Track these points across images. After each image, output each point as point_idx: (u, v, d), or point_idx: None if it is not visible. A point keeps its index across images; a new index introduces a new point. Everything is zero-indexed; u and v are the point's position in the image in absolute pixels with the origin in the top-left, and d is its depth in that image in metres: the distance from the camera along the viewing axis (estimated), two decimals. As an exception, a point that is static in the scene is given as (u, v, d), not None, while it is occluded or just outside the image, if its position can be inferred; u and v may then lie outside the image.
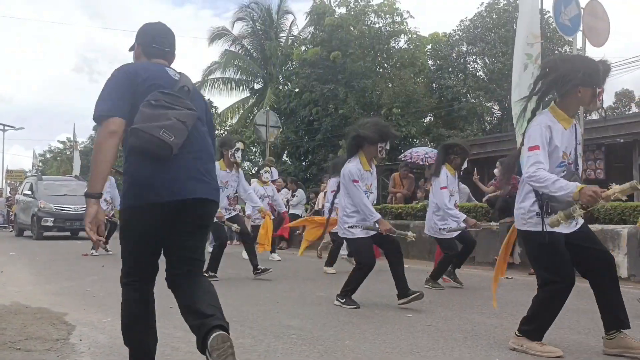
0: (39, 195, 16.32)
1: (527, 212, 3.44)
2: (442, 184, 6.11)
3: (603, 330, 3.53)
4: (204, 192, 2.67)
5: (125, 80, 2.63)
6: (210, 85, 27.99)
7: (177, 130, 2.51)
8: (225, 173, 6.97)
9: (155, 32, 2.89)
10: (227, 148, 7.00)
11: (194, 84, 2.97)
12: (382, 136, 5.09)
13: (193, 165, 2.65)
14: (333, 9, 22.70)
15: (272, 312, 4.84)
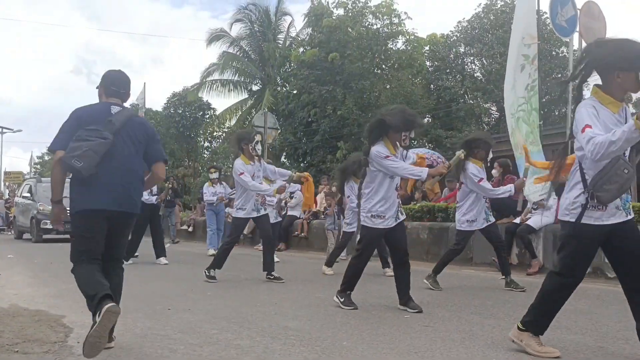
0: (38, 197, 16.23)
1: (571, 202, 3.35)
2: (477, 177, 6.12)
3: (604, 331, 3.53)
4: (113, 205, 3.57)
5: (74, 122, 3.59)
6: (209, 87, 28.03)
7: (86, 157, 3.40)
8: (251, 166, 7.05)
9: (114, 78, 3.82)
10: (247, 142, 7.07)
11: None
12: (406, 125, 4.98)
13: (116, 185, 3.55)
14: (331, 11, 22.73)
15: (270, 314, 4.84)
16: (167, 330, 4.15)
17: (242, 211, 7.10)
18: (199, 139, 31.61)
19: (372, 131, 5.16)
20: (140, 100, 20.92)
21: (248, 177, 6.89)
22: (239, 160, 7.08)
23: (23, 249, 13.40)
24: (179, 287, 6.57)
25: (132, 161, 3.66)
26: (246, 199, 7.07)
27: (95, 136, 3.47)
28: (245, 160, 7.05)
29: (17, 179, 30.76)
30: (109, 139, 3.49)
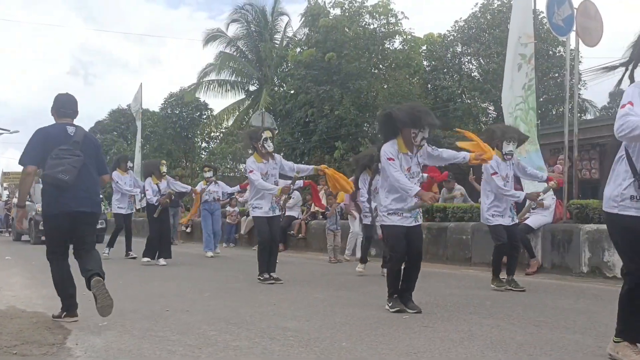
0: (36, 198, 16.10)
1: (619, 194, 3.22)
2: (491, 170, 6.07)
3: (602, 330, 3.51)
4: (85, 207, 4.52)
5: (40, 141, 4.46)
6: (206, 87, 28.00)
7: (69, 172, 4.33)
8: (263, 165, 6.93)
9: (63, 101, 4.70)
10: (256, 140, 6.98)
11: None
12: (413, 121, 4.73)
13: (80, 191, 4.47)
14: (327, 10, 22.70)
15: (269, 314, 4.84)
16: (166, 332, 4.14)
17: (259, 210, 6.98)
18: (196, 139, 31.57)
19: (382, 127, 5.04)
20: (137, 101, 20.88)
21: (257, 175, 6.79)
22: (251, 158, 7.01)
23: (21, 250, 13.37)
24: (177, 288, 6.56)
25: (91, 171, 4.61)
26: (262, 197, 6.95)
27: (70, 154, 4.40)
28: (257, 158, 6.95)
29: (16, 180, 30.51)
30: (81, 156, 4.44)
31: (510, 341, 3.80)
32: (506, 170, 6.19)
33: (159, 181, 9.76)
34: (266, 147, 6.91)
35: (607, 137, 13.98)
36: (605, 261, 7.11)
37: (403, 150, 4.88)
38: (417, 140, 4.82)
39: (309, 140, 22.43)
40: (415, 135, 4.79)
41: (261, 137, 6.92)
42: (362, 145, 20.54)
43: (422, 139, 4.82)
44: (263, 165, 6.93)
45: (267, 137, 6.92)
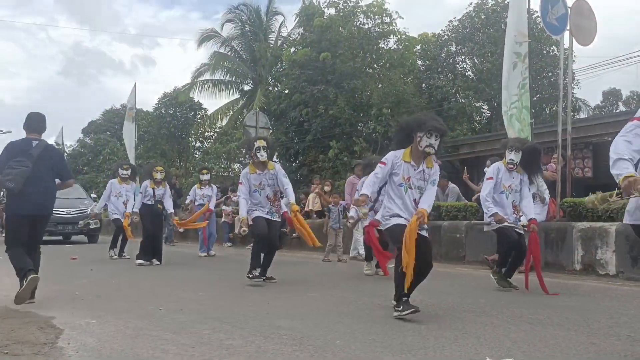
0: None
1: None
2: (488, 174, 6.15)
3: (595, 327, 3.53)
4: (38, 210, 5.47)
5: (6, 151, 5.41)
6: (200, 87, 27.92)
7: (15, 180, 5.20)
8: (257, 175, 6.73)
9: (33, 118, 5.62)
10: (250, 150, 6.82)
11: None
12: (418, 124, 4.64)
13: (35, 196, 5.36)
14: (322, 10, 22.70)
15: (262, 313, 4.82)
16: (159, 331, 4.12)
17: (256, 212, 6.72)
18: (190, 139, 31.51)
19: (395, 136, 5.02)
20: (130, 101, 20.80)
21: (243, 190, 6.67)
22: (246, 169, 6.93)
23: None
24: (171, 288, 6.54)
25: (46, 179, 5.47)
26: (257, 206, 6.75)
27: (20, 165, 5.24)
28: (251, 169, 6.77)
29: None
30: (29, 167, 5.27)
31: (503, 338, 3.81)
32: (510, 180, 6.12)
33: (156, 187, 9.70)
34: (258, 156, 6.71)
35: (599, 136, 14.04)
36: (598, 259, 7.14)
37: (406, 159, 4.73)
38: (422, 146, 4.63)
39: (304, 140, 22.42)
40: (420, 140, 4.64)
41: (254, 147, 6.75)
42: (356, 145, 20.56)
43: (427, 145, 4.62)
44: (257, 176, 6.73)
45: (259, 147, 6.72)
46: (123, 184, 10.83)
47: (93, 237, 16.16)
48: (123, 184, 10.82)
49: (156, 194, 9.66)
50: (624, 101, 33.02)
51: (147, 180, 9.89)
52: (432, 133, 4.62)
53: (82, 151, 38.53)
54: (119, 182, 10.84)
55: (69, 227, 15.67)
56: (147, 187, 9.74)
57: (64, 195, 16.45)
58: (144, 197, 9.70)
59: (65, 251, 12.57)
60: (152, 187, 9.70)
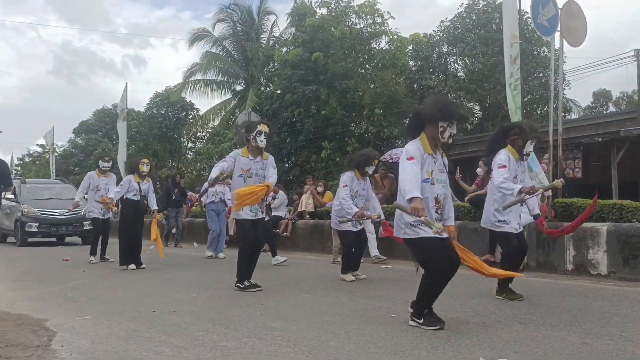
0: (22, 199, 15.84)
1: None
2: (501, 162, 5.35)
3: (587, 327, 3.55)
4: None
5: None
6: (192, 87, 27.87)
7: None
8: (247, 160, 6.25)
9: None
10: (250, 131, 6.31)
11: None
12: (442, 112, 4.21)
13: None
14: (314, 10, 22.71)
15: (256, 314, 4.83)
16: (152, 333, 4.11)
17: (240, 211, 6.26)
18: (182, 139, 31.45)
19: (409, 125, 4.52)
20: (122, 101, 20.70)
21: (224, 165, 6.20)
22: (236, 151, 6.45)
23: (5, 252, 13.21)
24: (164, 289, 6.52)
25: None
26: None
27: None
28: (243, 152, 6.30)
29: None
30: None
31: (496, 339, 3.83)
32: (517, 171, 5.54)
33: (141, 180, 9.10)
34: (257, 140, 6.23)
35: (590, 137, 14.13)
36: (589, 259, 7.19)
37: (428, 151, 4.29)
38: (444, 137, 4.25)
39: (296, 140, 22.43)
40: (443, 130, 4.23)
41: (255, 129, 6.27)
42: (348, 145, 20.58)
43: (450, 136, 4.26)
44: (248, 161, 6.26)
45: (261, 131, 6.26)
46: (102, 177, 10.13)
47: (87, 239, 16.01)
48: (102, 176, 10.13)
49: (142, 189, 9.07)
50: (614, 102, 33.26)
51: (130, 174, 9.25)
52: (455, 122, 4.27)
53: (73, 151, 38.34)
54: (97, 174, 10.15)
55: (62, 229, 15.50)
56: (132, 181, 9.06)
57: (57, 196, 16.36)
58: (128, 192, 8.99)
59: (56, 252, 12.49)
60: (137, 181, 9.06)
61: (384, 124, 20.66)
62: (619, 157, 13.47)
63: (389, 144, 20.77)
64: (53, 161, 26.90)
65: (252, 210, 6.33)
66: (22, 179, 19.41)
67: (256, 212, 6.42)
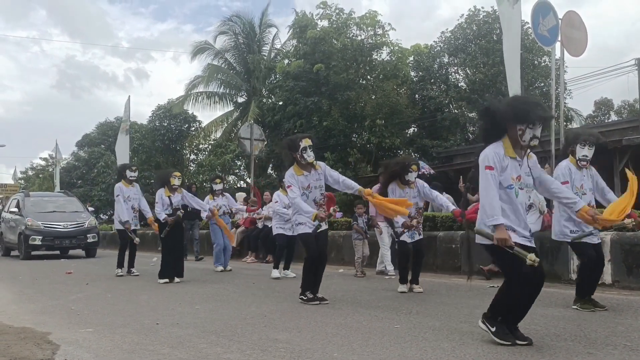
0: (26, 212, 15.85)
1: None
2: (562, 178, 5.16)
3: (592, 337, 3.54)
4: None
5: None
6: (194, 100, 27.96)
7: None
8: (304, 177, 6.09)
9: None
10: (294, 150, 6.14)
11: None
12: (518, 115, 3.87)
13: None
14: (315, 22, 22.84)
15: (260, 326, 4.82)
16: (156, 345, 4.11)
17: (303, 226, 6.16)
18: (184, 151, 31.48)
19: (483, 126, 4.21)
20: (125, 114, 20.79)
21: (295, 192, 5.97)
22: (290, 171, 6.14)
23: (9, 265, 13.21)
24: (167, 301, 6.52)
25: None
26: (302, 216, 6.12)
27: None
28: (296, 171, 6.12)
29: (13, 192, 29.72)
30: None
31: (501, 349, 3.81)
32: (582, 180, 5.33)
33: (172, 194, 8.81)
34: (305, 157, 6.06)
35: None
36: (593, 268, 7.15)
37: (510, 154, 3.95)
38: (525, 140, 3.90)
39: (298, 151, 22.43)
40: (522, 133, 3.89)
41: (299, 147, 6.07)
42: (351, 156, 20.62)
43: (532, 138, 3.89)
44: (304, 178, 6.10)
45: (306, 146, 6.06)
46: (130, 187, 9.81)
47: (91, 251, 16.02)
48: (129, 186, 9.81)
49: (173, 202, 8.78)
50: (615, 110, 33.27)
51: (161, 189, 8.88)
52: (537, 123, 3.91)
53: (76, 164, 38.42)
54: (125, 185, 9.78)
55: (65, 241, 15.49)
56: (163, 196, 8.77)
57: (61, 209, 16.38)
58: (162, 208, 8.72)
59: (59, 265, 12.49)
60: (168, 195, 8.78)
61: (385, 134, 20.71)
62: (621, 166, 13.46)
63: (390, 155, 20.79)
64: (58, 174, 26.97)
65: (315, 223, 6.10)
66: (26, 192, 19.41)
67: (318, 226, 6.19)
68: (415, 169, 6.91)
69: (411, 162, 6.98)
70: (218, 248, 10.72)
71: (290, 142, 6.30)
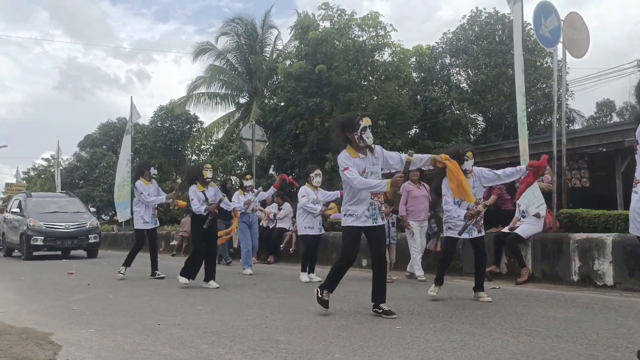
0: (28, 213, 15.86)
1: None
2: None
3: (594, 339, 3.53)
4: None
5: None
6: (196, 100, 28.01)
7: None
8: (360, 160, 5.26)
9: None
10: (351, 130, 5.29)
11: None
12: None
13: None
14: (317, 23, 22.87)
15: (261, 327, 4.82)
16: (157, 346, 4.11)
17: (350, 217, 5.30)
18: (186, 152, 31.54)
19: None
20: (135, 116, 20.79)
21: (354, 173, 5.15)
22: (344, 153, 5.35)
23: (10, 266, 13.23)
24: (169, 302, 6.52)
25: None
26: (357, 202, 5.28)
27: None
28: (351, 153, 5.31)
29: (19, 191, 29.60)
30: None
31: (502, 351, 3.81)
32: None
33: (205, 188, 8.08)
34: (364, 138, 5.23)
35: (595, 147, 14.12)
36: (595, 270, 7.15)
37: None
38: None
39: (300, 152, 22.49)
40: None
41: (359, 126, 5.24)
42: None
43: None
44: (360, 160, 5.27)
45: (366, 126, 5.25)
46: (149, 184, 9.31)
47: (92, 252, 16.04)
48: (149, 184, 9.30)
49: (208, 197, 8.03)
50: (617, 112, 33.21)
51: (192, 185, 8.12)
52: None
53: (78, 165, 38.49)
54: (145, 182, 9.26)
55: (67, 242, 15.51)
56: (197, 192, 8.01)
57: (63, 209, 16.40)
58: (200, 203, 7.95)
59: (61, 265, 12.50)
60: (202, 190, 8.03)
61: (387, 135, 20.70)
62: (623, 167, 13.46)
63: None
64: (58, 175, 26.98)
65: (369, 214, 5.28)
66: (28, 192, 19.45)
67: (374, 216, 5.32)
68: (470, 156, 6.16)
69: (465, 148, 6.24)
70: (246, 249, 10.30)
71: (348, 120, 5.42)
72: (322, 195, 8.85)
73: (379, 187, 5.11)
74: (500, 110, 22.10)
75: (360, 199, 5.26)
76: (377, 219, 5.30)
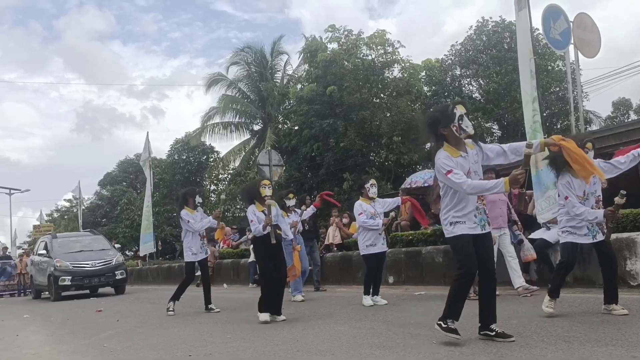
0: (54, 253, 16.02)
1: None
2: None
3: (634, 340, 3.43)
4: None
5: None
6: (211, 131, 28.33)
7: None
8: (462, 159, 4.47)
9: None
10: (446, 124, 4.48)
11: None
12: None
13: None
14: (325, 45, 23.06)
15: (293, 351, 4.77)
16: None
17: (460, 225, 4.49)
18: (204, 182, 31.77)
19: None
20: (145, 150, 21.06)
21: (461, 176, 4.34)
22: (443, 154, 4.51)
23: (40, 308, 13.33)
24: (198, 332, 6.50)
25: None
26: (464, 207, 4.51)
27: None
28: (451, 152, 4.49)
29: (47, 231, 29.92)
30: None
31: (541, 359, 3.72)
32: None
33: (265, 208, 7.04)
34: (464, 128, 4.44)
35: (615, 146, 13.91)
36: (628, 270, 7.00)
37: None
38: None
39: (317, 174, 22.52)
40: None
41: (454, 116, 4.43)
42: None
43: None
44: (463, 160, 4.47)
45: (462, 114, 4.44)
46: (196, 212, 8.75)
47: (120, 288, 16.12)
48: (195, 212, 8.74)
49: None
50: (635, 110, 32.83)
51: (251, 205, 7.23)
52: None
53: (99, 203, 38.96)
54: (190, 211, 8.69)
55: (94, 280, 15.62)
56: (256, 212, 7.09)
57: (88, 247, 16.57)
58: (257, 224, 6.99)
59: (89, 304, 12.57)
60: (262, 210, 7.08)
61: (403, 150, 20.67)
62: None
63: (409, 171, 20.73)
64: (81, 214, 27.32)
65: (477, 220, 4.53)
66: (53, 233, 19.70)
67: (483, 223, 4.57)
68: (590, 147, 5.47)
69: (584, 138, 5.56)
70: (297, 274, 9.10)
71: (440, 113, 4.60)
72: (381, 205, 7.93)
73: (496, 188, 4.30)
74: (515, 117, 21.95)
75: (466, 204, 4.50)
76: (485, 225, 4.55)
